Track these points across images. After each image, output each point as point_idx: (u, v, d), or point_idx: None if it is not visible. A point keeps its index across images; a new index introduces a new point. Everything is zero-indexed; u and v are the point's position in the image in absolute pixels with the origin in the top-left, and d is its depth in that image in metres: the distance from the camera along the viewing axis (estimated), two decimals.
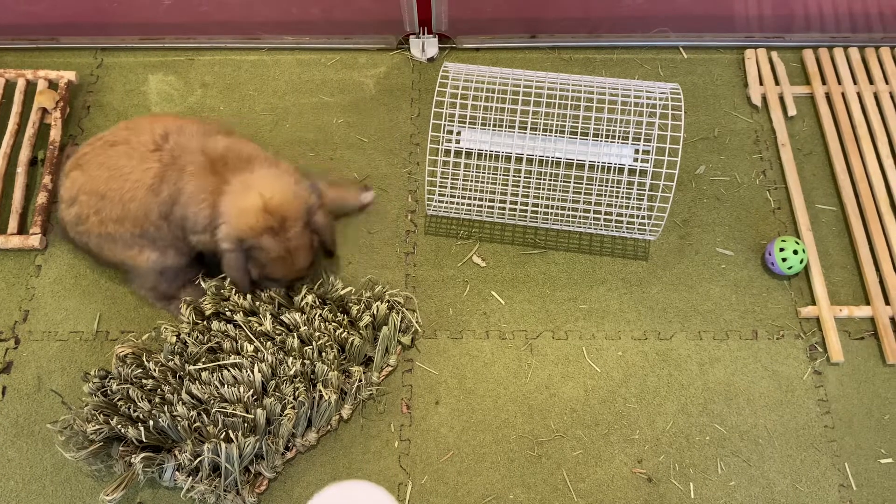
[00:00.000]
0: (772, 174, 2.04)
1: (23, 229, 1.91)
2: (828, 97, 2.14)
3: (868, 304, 1.85)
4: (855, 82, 2.15)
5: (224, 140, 1.66)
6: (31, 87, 2.10)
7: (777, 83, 2.17)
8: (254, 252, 1.59)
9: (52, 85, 2.11)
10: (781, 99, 2.15)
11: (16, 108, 2.04)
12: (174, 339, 1.68)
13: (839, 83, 2.15)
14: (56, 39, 2.22)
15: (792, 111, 2.11)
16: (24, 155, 1.98)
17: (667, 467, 1.66)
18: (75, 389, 1.71)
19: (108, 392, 1.62)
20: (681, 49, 2.26)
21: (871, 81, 2.15)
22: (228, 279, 1.72)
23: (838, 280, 1.89)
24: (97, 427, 1.55)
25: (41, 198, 1.92)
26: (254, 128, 2.09)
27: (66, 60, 2.20)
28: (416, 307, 1.82)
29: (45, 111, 2.06)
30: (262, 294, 1.72)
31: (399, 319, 1.75)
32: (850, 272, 1.90)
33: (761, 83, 2.17)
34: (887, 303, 1.84)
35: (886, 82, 2.14)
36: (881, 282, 1.86)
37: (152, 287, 1.76)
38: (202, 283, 1.74)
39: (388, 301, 1.75)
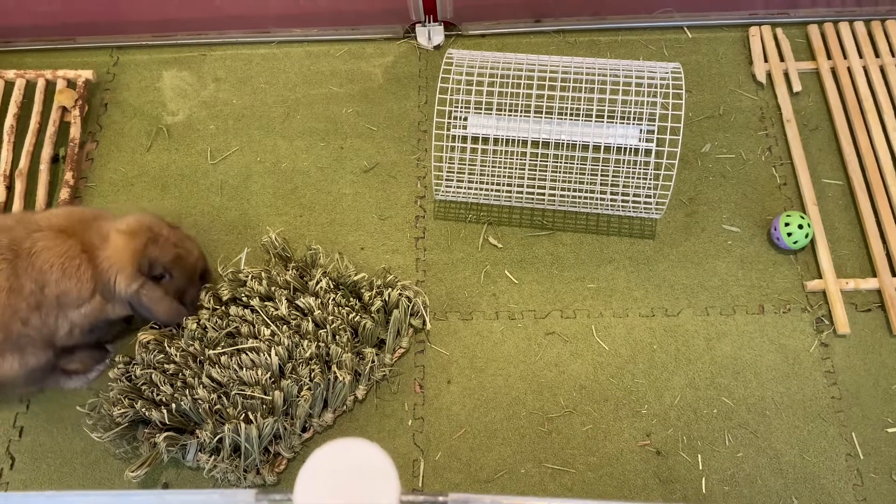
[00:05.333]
0: (777, 150, 2.05)
1: None
2: (833, 72, 2.14)
3: (874, 276, 1.86)
4: (861, 56, 2.15)
5: (55, 211, 1.69)
6: (50, 87, 2.17)
7: (782, 59, 2.18)
8: (154, 270, 1.63)
9: (71, 84, 2.17)
10: (786, 75, 2.15)
11: (37, 107, 2.11)
12: (194, 325, 1.74)
13: (844, 58, 2.15)
14: (73, 39, 2.28)
15: (797, 87, 2.12)
16: (46, 153, 2.05)
17: (675, 440, 1.70)
18: (102, 376, 1.78)
19: (133, 377, 1.69)
20: (685, 29, 2.27)
21: (877, 55, 2.15)
22: (161, 324, 1.74)
23: (844, 253, 1.90)
24: (123, 410, 1.62)
25: (63, 193, 1.99)
26: (265, 120, 2.14)
27: (83, 60, 2.27)
28: (427, 301, 1.84)
29: (64, 109, 2.12)
30: (278, 279, 1.78)
31: (410, 305, 1.79)
32: (856, 245, 1.91)
33: (766, 60, 2.18)
34: (894, 275, 1.85)
35: (893, 55, 2.13)
36: (888, 254, 1.88)
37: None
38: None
39: (400, 292, 1.79)
